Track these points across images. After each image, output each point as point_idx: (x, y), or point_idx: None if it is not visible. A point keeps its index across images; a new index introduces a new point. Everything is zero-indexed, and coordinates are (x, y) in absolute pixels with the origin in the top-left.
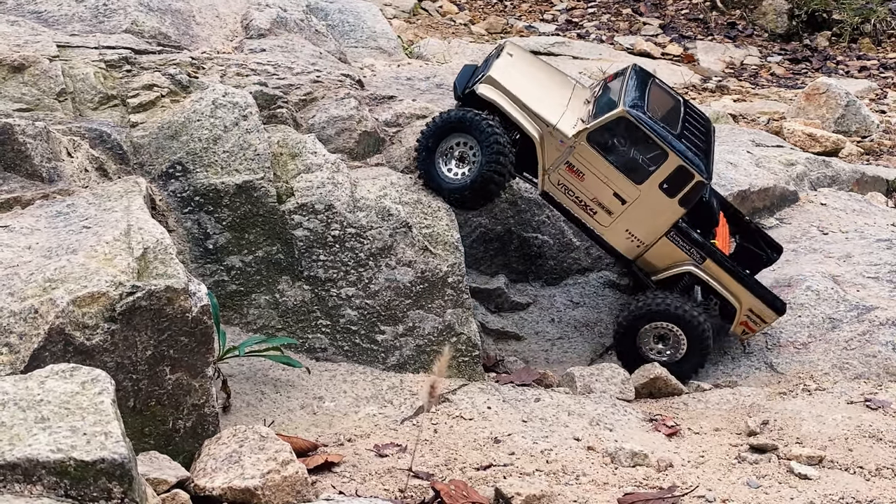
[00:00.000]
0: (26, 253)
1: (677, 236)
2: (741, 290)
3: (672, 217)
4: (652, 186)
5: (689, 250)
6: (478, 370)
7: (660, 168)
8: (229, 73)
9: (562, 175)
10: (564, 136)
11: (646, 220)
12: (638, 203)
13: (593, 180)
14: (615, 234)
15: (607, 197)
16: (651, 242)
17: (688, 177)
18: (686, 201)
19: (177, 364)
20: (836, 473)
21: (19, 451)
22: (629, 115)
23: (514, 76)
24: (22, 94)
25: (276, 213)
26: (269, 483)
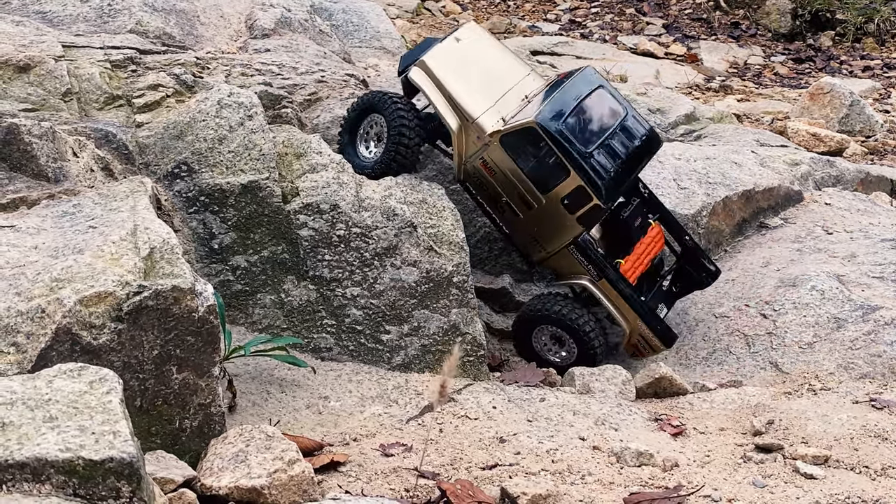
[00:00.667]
0: (33, 253)
1: (576, 251)
2: (632, 314)
3: (572, 232)
4: (554, 200)
5: (587, 266)
6: (483, 370)
7: (562, 184)
8: (234, 74)
9: (477, 169)
10: (482, 133)
11: (548, 230)
12: (542, 212)
13: (504, 181)
14: (521, 235)
15: (515, 199)
16: (553, 251)
17: (586, 198)
18: (585, 221)
19: (183, 363)
20: (841, 473)
21: (28, 451)
22: (538, 127)
23: (451, 62)
24: (27, 95)
25: (282, 212)
26: (276, 482)
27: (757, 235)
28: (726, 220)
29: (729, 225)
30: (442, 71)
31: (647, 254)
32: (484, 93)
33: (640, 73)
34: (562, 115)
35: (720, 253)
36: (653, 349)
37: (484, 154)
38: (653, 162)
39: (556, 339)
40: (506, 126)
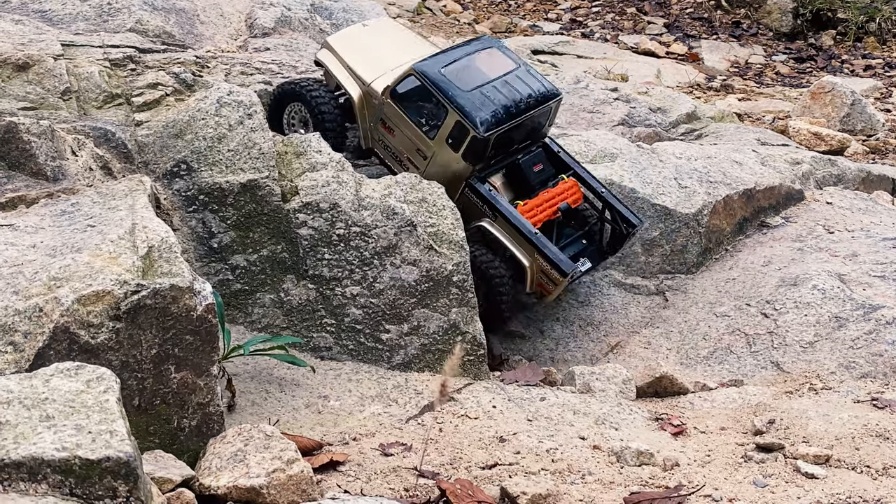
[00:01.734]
0: (31, 251)
1: (471, 193)
2: (529, 248)
3: (462, 172)
4: (440, 142)
5: (482, 207)
6: (483, 369)
7: (444, 123)
8: (234, 72)
9: (380, 132)
10: (376, 94)
11: (445, 177)
12: (434, 158)
13: (401, 136)
14: None
15: (412, 152)
16: (456, 199)
17: (464, 132)
18: (468, 156)
19: (182, 363)
20: (842, 472)
21: (24, 450)
22: (415, 72)
23: (353, 41)
24: (26, 93)
25: (281, 211)
26: (275, 482)
27: (758, 234)
28: (727, 219)
29: (730, 224)
30: (343, 48)
31: (552, 202)
32: (380, 63)
33: (641, 73)
34: (441, 63)
35: (721, 252)
36: (554, 283)
37: (381, 114)
38: (654, 161)
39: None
40: (392, 80)
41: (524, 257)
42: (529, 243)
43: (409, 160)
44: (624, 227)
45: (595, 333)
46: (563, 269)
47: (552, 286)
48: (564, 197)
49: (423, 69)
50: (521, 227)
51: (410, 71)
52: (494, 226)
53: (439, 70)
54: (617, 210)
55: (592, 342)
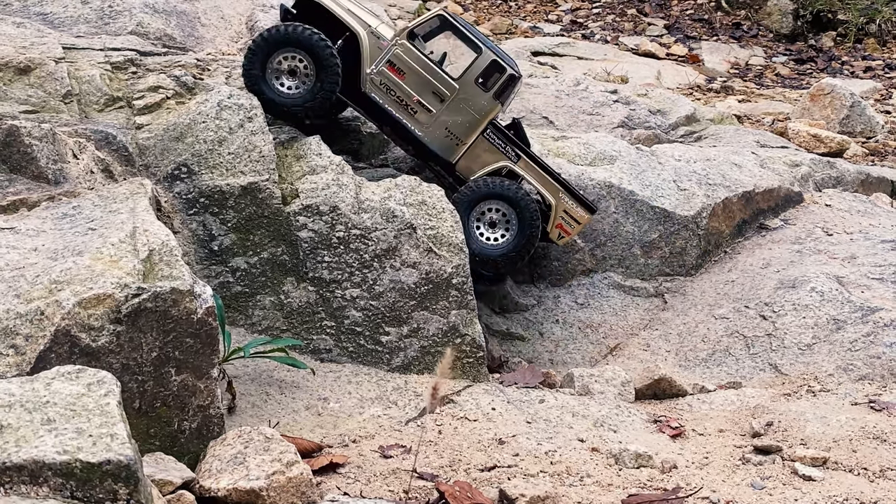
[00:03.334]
0: (32, 255)
1: (493, 134)
2: (555, 187)
3: (489, 113)
4: (468, 81)
5: (505, 148)
6: (482, 371)
7: (475, 63)
8: (234, 75)
9: (384, 74)
10: (385, 37)
11: (464, 118)
12: (456, 100)
13: (414, 78)
14: (435, 133)
15: (427, 95)
16: (470, 141)
17: (501, 70)
18: (500, 95)
19: (182, 365)
20: (840, 475)
21: (25, 453)
22: (446, 13)
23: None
24: (28, 96)
25: (281, 214)
26: (274, 484)
27: (757, 237)
28: (726, 222)
29: (729, 226)
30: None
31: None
32: (371, 16)
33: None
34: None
35: (720, 254)
36: (577, 221)
37: (390, 56)
38: (653, 163)
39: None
40: (413, 22)
41: (550, 195)
42: (557, 182)
43: (418, 103)
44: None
45: (594, 335)
46: (592, 206)
47: (574, 225)
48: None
49: (453, 14)
50: (548, 168)
51: (440, 13)
52: (520, 166)
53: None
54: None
55: (591, 344)
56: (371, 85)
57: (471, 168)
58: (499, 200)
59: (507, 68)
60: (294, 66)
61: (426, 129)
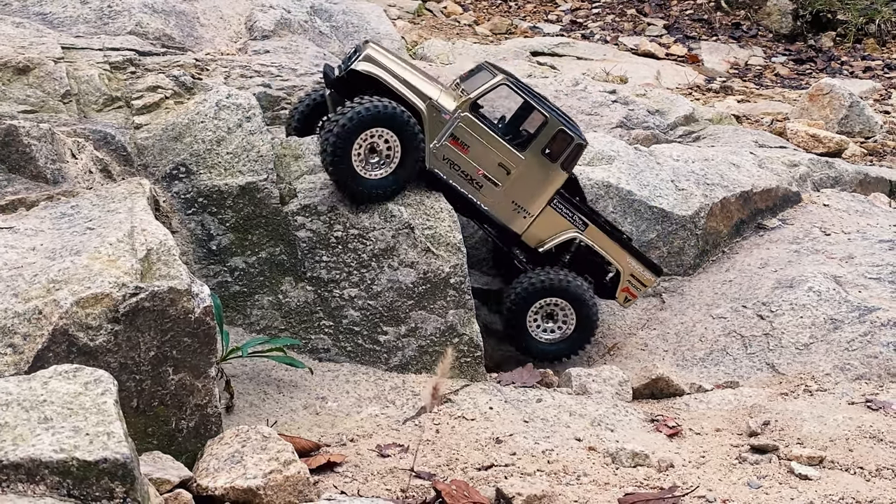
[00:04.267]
0: (30, 254)
1: (560, 203)
2: (623, 254)
3: (556, 183)
4: (535, 154)
5: (573, 217)
6: (480, 371)
7: (541, 133)
8: (233, 75)
9: (448, 149)
10: (446, 110)
11: (531, 189)
12: (522, 172)
13: (478, 151)
14: (502, 207)
15: (493, 168)
16: (537, 212)
17: (568, 141)
18: (567, 165)
19: (180, 365)
20: (836, 474)
21: (22, 452)
22: (509, 82)
23: (390, 60)
24: (27, 96)
25: (280, 214)
26: (272, 483)
27: (755, 236)
28: (724, 222)
29: (727, 226)
30: (389, 63)
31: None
32: (426, 83)
33: (640, 74)
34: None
35: (718, 254)
36: (644, 284)
37: (453, 129)
38: (651, 163)
39: (548, 316)
40: (475, 92)
41: (618, 262)
42: (625, 249)
43: (484, 177)
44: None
45: None
46: (658, 269)
47: (640, 289)
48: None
49: (515, 80)
50: (616, 233)
51: (504, 80)
52: (588, 234)
53: (526, 83)
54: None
55: (589, 344)
56: (434, 160)
57: (539, 238)
58: (560, 297)
59: (574, 138)
60: (376, 145)
61: (492, 203)
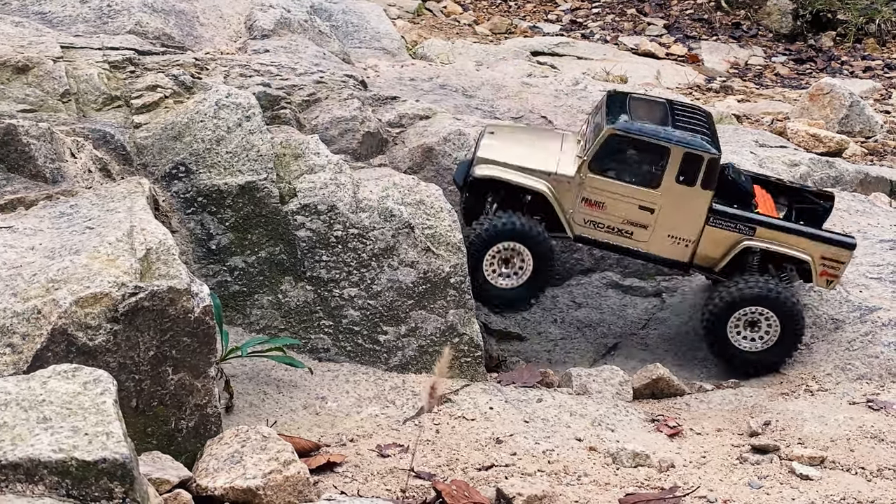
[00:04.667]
0: (30, 254)
1: (718, 219)
2: (805, 242)
3: (704, 203)
4: (670, 184)
5: (736, 227)
6: (480, 371)
7: (668, 164)
8: (233, 74)
9: (584, 213)
10: (569, 178)
11: (681, 218)
12: (665, 208)
13: (614, 205)
14: (660, 244)
15: (635, 213)
16: (697, 237)
17: (698, 160)
18: (708, 183)
19: (179, 364)
20: (837, 474)
21: (21, 451)
22: (616, 130)
23: (502, 148)
24: (26, 95)
25: (279, 213)
26: (271, 483)
27: None
28: None
29: None
30: (502, 156)
31: (768, 204)
32: (545, 154)
33: (640, 74)
34: (625, 115)
35: None
36: (841, 262)
37: (583, 194)
38: None
39: (750, 325)
40: (587, 153)
41: (802, 252)
42: (804, 236)
43: (631, 224)
44: (822, 203)
45: (592, 335)
46: (850, 242)
47: (839, 267)
48: (767, 197)
49: (622, 126)
50: (789, 227)
51: (609, 132)
52: (760, 239)
53: (632, 118)
54: (809, 191)
55: (589, 344)
56: (578, 227)
57: (710, 257)
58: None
59: (703, 155)
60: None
61: (648, 244)
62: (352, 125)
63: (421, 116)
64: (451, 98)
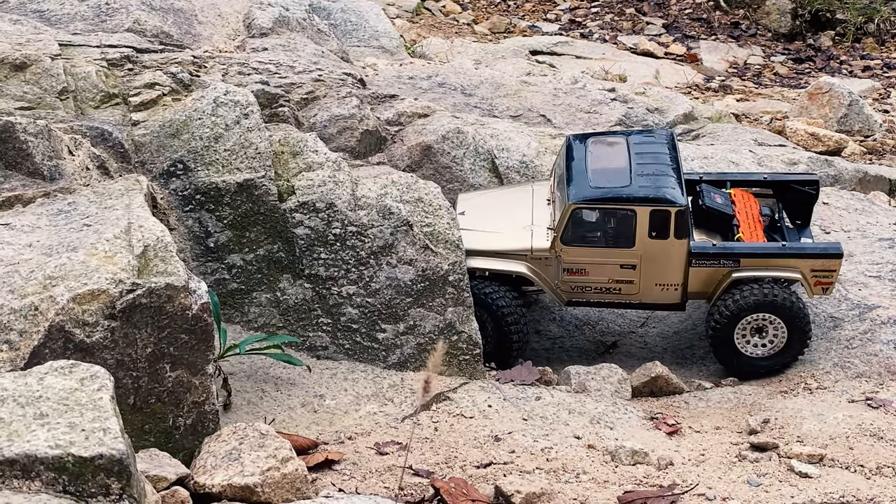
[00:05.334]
0: (27, 251)
1: (700, 260)
2: (792, 260)
3: (682, 250)
4: (643, 241)
5: (720, 262)
6: (479, 368)
7: (637, 224)
8: (231, 72)
9: (569, 280)
10: (545, 252)
11: (661, 268)
12: (644, 261)
13: (595, 269)
14: (650, 292)
15: (618, 272)
16: (682, 280)
17: (665, 215)
18: (681, 233)
19: (177, 361)
20: (836, 472)
21: (18, 447)
22: (578, 205)
23: (475, 231)
24: (24, 93)
25: (278, 211)
26: (269, 480)
27: None
28: None
29: None
30: (478, 241)
31: (751, 216)
32: (518, 225)
33: (639, 73)
34: (585, 180)
35: None
36: (832, 270)
37: (563, 265)
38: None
39: (757, 331)
40: (557, 230)
41: (791, 272)
42: (789, 256)
43: (617, 282)
44: (807, 190)
45: (591, 333)
46: (837, 251)
47: (831, 275)
48: (752, 207)
49: (581, 197)
50: (772, 251)
51: (571, 207)
52: (746, 267)
53: (591, 186)
54: (790, 181)
55: (588, 342)
56: (566, 294)
57: (704, 292)
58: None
59: (669, 210)
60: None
61: (638, 294)
62: (350, 123)
63: (419, 115)
64: (449, 96)
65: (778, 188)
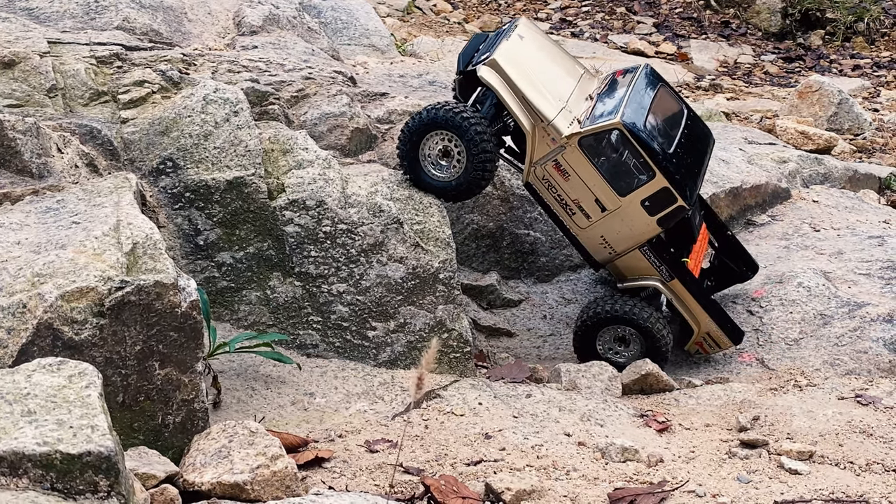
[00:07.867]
0: (15, 248)
1: (650, 251)
2: (703, 314)
3: (648, 234)
4: (633, 201)
5: (659, 267)
6: (469, 366)
7: (645, 185)
8: (221, 70)
9: (548, 171)
10: (557, 135)
11: (622, 231)
12: (617, 213)
13: (577, 183)
14: (589, 237)
15: (588, 201)
16: (622, 252)
17: (671, 199)
18: (664, 222)
19: (166, 359)
20: (826, 468)
21: (5, 445)
22: (624, 129)
23: (519, 61)
24: (12, 90)
25: (267, 209)
26: (259, 478)
27: (744, 232)
28: None
29: None
30: (513, 71)
31: (701, 251)
32: (554, 91)
33: None
34: (642, 116)
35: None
36: (719, 346)
37: (558, 156)
38: None
39: (618, 340)
40: (585, 128)
41: (694, 322)
42: (706, 310)
43: (578, 206)
44: (744, 271)
45: None
46: (736, 338)
47: (714, 348)
48: (704, 245)
49: (632, 127)
50: (703, 299)
51: (618, 126)
52: (669, 288)
53: (645, 126)
54: (741, 252)
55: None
56: (533, 177)
57: (620, 273)
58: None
59: (677, 199)
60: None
61: (580, 231)
62: (340, 121)
63: (410, 113)
64: (440, 95)
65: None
